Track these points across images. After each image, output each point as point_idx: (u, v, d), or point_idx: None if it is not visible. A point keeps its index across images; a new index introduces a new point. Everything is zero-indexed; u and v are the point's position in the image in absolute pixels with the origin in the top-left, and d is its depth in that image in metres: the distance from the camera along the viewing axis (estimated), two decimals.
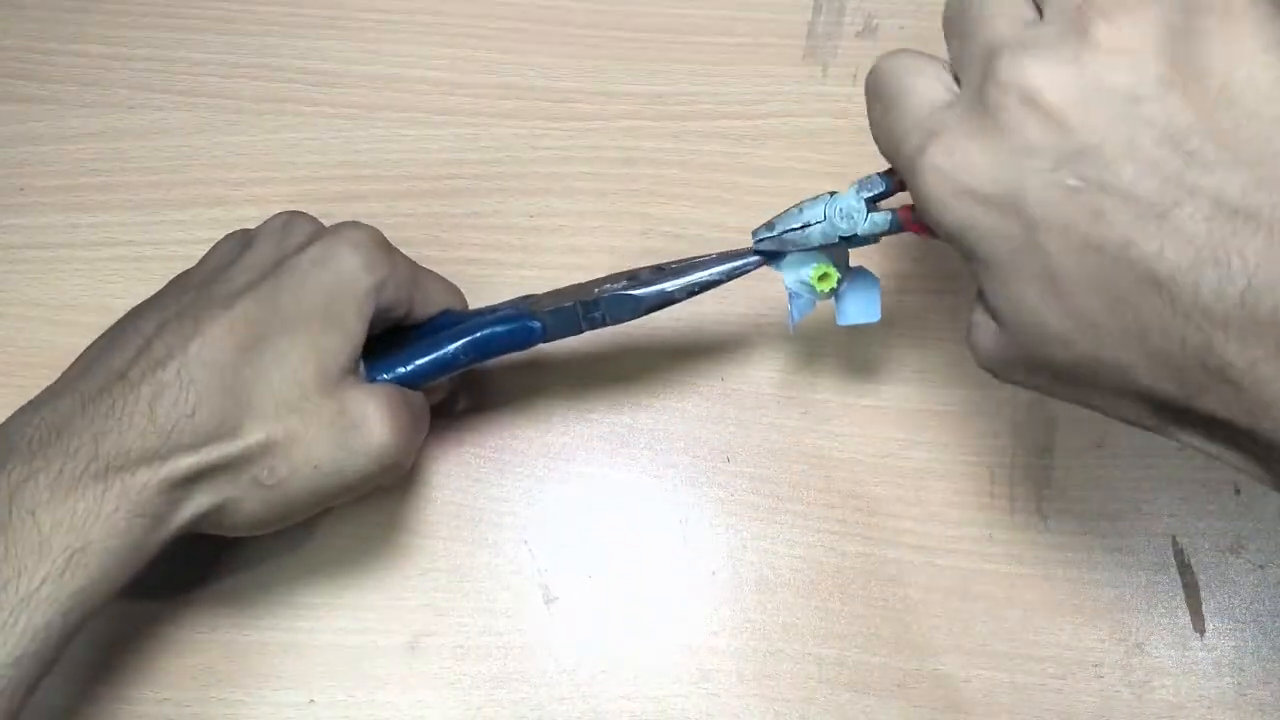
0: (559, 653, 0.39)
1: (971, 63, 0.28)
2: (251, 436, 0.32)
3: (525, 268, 0.44)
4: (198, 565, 0.40)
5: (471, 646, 0.39)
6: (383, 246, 0.36)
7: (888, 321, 0.43)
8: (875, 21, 0.48)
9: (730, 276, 0.36)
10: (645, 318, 0.37)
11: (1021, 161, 0.26)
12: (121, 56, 0.48)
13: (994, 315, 0.29)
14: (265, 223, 0.38)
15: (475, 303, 0.42)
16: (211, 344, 0.32)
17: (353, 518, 0.40)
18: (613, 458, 0.42)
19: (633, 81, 0.47)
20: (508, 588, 0.40)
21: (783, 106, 0.46)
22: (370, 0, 0.48)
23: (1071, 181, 0.25)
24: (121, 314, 0.43)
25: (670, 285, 0.36)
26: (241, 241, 0.37)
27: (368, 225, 0.36)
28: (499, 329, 0.37)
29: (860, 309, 0.37)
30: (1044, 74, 0.25)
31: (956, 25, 0.29)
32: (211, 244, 0.44)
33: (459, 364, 0.37)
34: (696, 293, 0.37)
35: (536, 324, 0.37)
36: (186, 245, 0.44)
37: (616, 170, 0.46)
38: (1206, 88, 0.24)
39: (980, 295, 0.29)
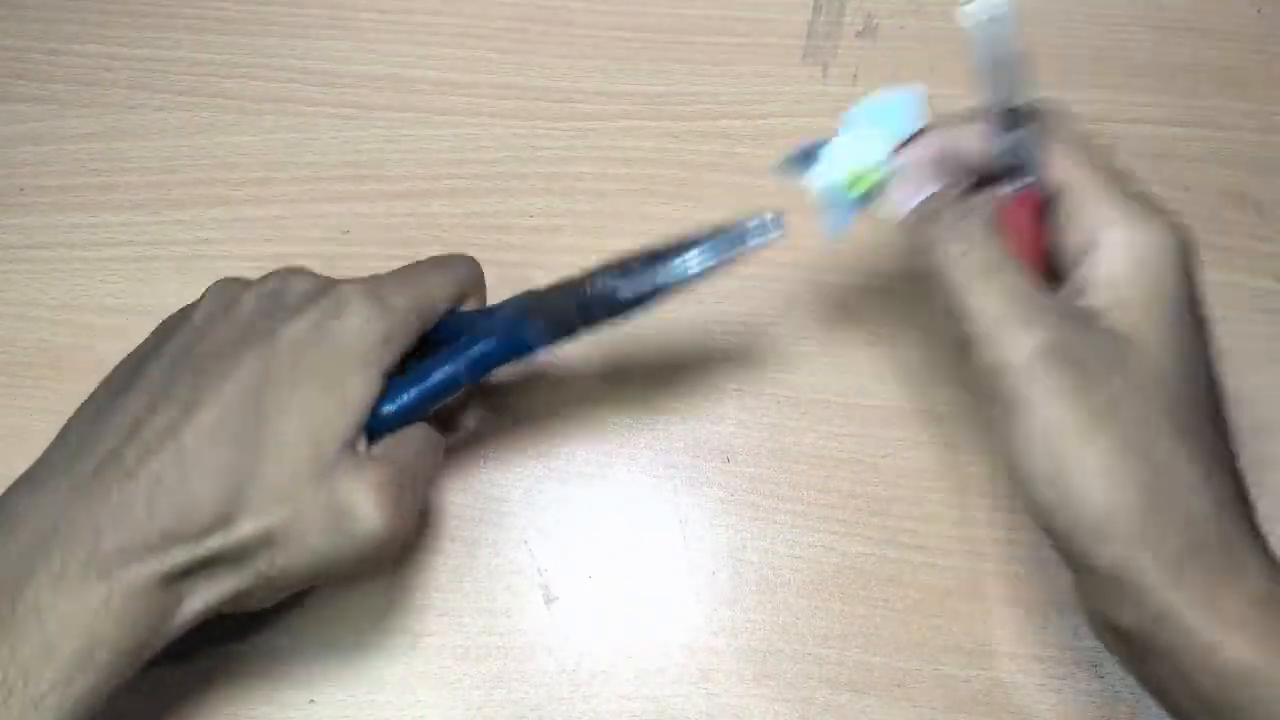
0: (559, 653, 0.39)
1: None
2: (247, 529, 0.31)
3: (525, 267, 0.44)
4: None
5: (471, 646, 0.39)
6: (382, 311, 0.34)
7: (889, 322, 0.43)
8: (875, 21, 0.48)
9: (729, 262, 0.34)
10: (647, 315, 0.36)
11: None
12: (121, 56, 0.48)
13: None
14: (259, 282, 0.35)
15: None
16: (205, 431, 0.31)
17: None
18: (612, 458, 0.42)
19: (633, 81, 0.47)
20: (508, 588, 0.40)
21: (783, 106, 0.46)
22: (370, 0, 0.49)
23: None
24: (120, 314, 0.43)
25: (663, 280, 0.35)
26: (230, 297, 0.35)
27: (360, 287, 0.34)
28: (492, 347, 0.35)
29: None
30: None
31: None
32: (210, 244, 0.44)
33: (455, 387, 0.35)
34: (690, 284, 0.35)
35: (530, 336, 0.36)
36: (187, 245, 0.44)
37: (616, 170, 0.46)
38: None
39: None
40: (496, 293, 0.43)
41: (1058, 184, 0.31)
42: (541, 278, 0.43)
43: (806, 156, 0.33)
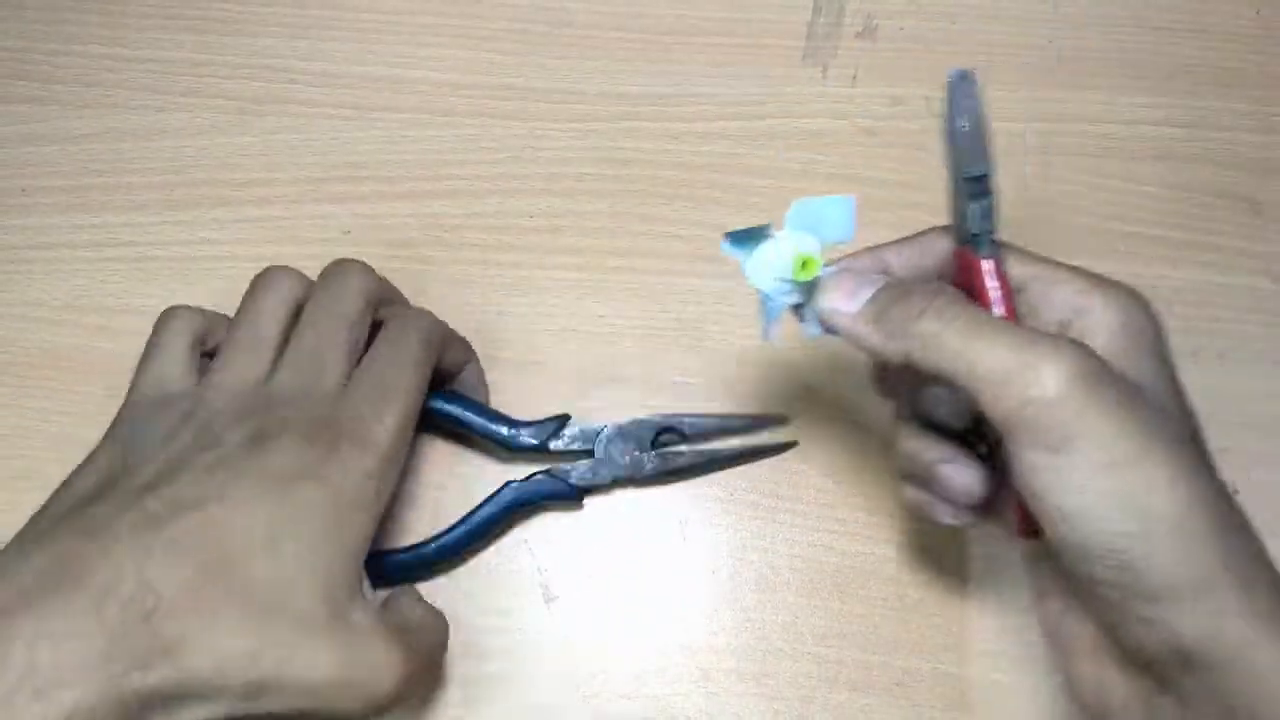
0: (559, 653, 0.39)
1: None
2: (236, 664, 0.29)
3: (525, 268, 0.44)
4: None
5: (471, 646, 0.39)
6: (375, 451, 0.33)
7: None
8: (875, 22, 0.48)
9: (754, 459, 0.41)
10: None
11: None
12: (122, 57, 0.48)
13: None
14: (263, 372, 0.34)
15: (477, 299, 0.42)
16: (182, 553, 0.29)
17: None
18: None
19: (633, 81, 0.47)
20: (508, 588, 0.40)
21: (783, 107, 0.47)
22: (371, 0, 0.49)
23: None
24: (122, 315, 0.43)
25: (689, 463, 0.41)
26: (206, 401, 0.33)
27: (354, 432, 0.33)
28: (528, 496, 0.39)
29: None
30: None
31: None
32: (211, 244, 0.44)
33: (491, 527, 0.39)
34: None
35: (574, 489, 0.40)
36: (188, 246, 0.45)
37: (616, 170, 0.46)
38: None
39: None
40: (497, 294, 0.43)
41: (1021, 276, 0.32)
42: (541, 278, 0.44)
43: (747, 237, 0.32)
